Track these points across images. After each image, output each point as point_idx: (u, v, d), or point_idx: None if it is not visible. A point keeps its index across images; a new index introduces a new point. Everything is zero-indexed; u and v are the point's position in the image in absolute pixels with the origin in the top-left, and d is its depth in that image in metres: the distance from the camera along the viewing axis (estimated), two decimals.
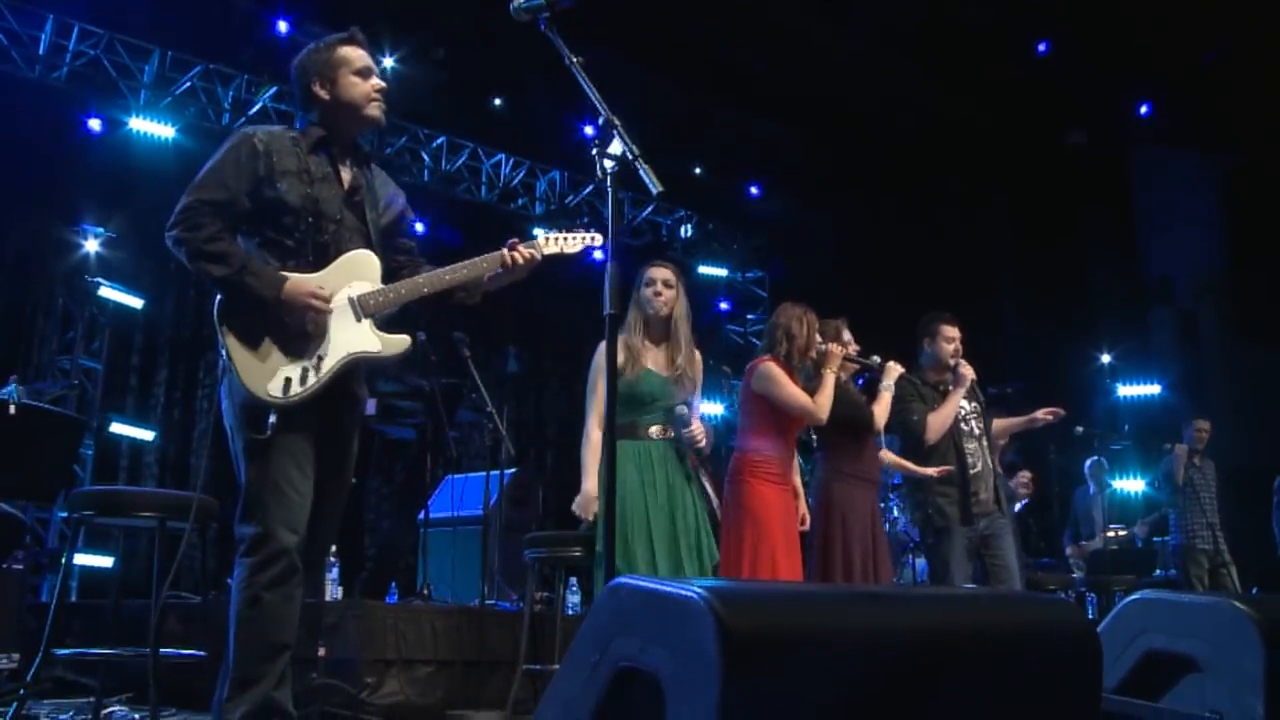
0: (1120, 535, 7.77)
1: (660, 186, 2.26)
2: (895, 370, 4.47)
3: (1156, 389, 10.62)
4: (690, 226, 10.64)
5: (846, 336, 4.44)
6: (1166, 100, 10.03)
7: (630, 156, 2.27)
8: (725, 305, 11.06)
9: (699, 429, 3.84)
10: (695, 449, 3.86)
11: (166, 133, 7.60)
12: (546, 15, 2.37)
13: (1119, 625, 2.23)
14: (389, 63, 8.11)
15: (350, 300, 2.78)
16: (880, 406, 4.39)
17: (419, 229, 8.64)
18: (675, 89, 8.97)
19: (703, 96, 9.27)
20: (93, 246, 7.12)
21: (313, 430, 2.72)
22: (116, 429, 7.29)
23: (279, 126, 2.88)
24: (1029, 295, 10.90)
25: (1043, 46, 9.23)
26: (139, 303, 7.30)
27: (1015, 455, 7.58)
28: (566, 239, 3.07)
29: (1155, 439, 8.04)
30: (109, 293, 7.05)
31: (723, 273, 10.91)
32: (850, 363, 4.44)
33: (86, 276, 7.01)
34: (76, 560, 5.91)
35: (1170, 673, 2.12)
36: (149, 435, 7.51)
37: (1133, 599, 2.27)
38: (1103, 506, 7.55)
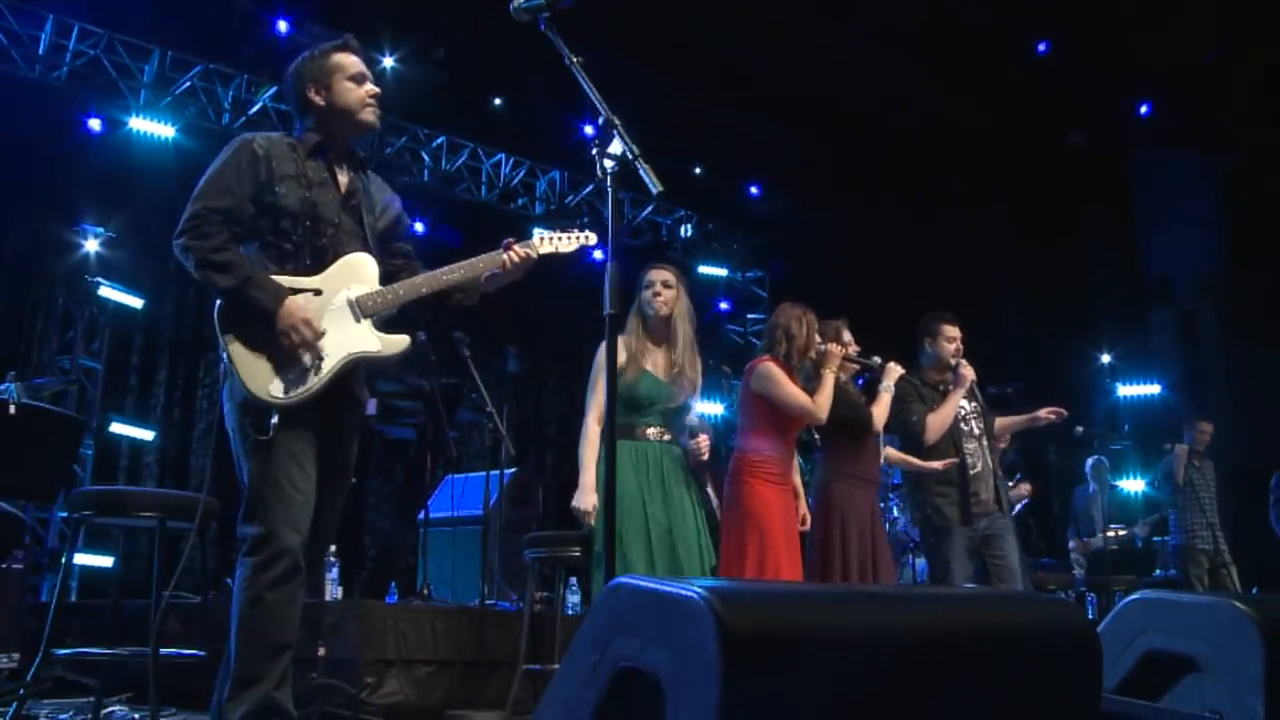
0: (1120, 535, 7.76)
1: (660, 186, 2.26)
2: (895, 371, 4.47)
3: (1156, 389, 10.61)
4: (690, 226, 10.63)
5: (846, 337, 4.44)
6: (1166, 100, 10.02)
7: (630, 156, 2.27)
8: (725, 305, 11.06)
9: (705, 442, 3.84)
10: (696, 458, 3.87)
11: (166, 132, 7.59)
12: (546, 15, 2.38)
13: (1119, 625, 2.23)
14: (389, 63, 8.11)
15: (349, 301, 2.80)
16: (879, 407, 4.39)
17: (419, 229, 8.66)
18: (675, 89, 8.97)
19: (703, 96, 9.26)
20: (93, 246, 7.11)
21: (314, 430, 2.74)
22: (116, 429, 7.29)
23: (276, 133, 2.92)
24: (1029, 295, 10.89)
25: (1043, 46, 9.22)
26: (139, 303, 7.29)
27: (1016, 455, 7.57)
28: (561, 238, 3.09)
29: (1155, 439, 8.04)
30: (109, 293, 7.04)
31: (723, 273, 10.90)
32: (850, 363, 4.44)
33: (86, 276, 7.00)
34: (76, 560, 5.91)
35: (1170, 673, 2.11)
36: (149, 435, 7.51)
37: (1133, 599, 2.27)
38: (1102, 505, 7.55)
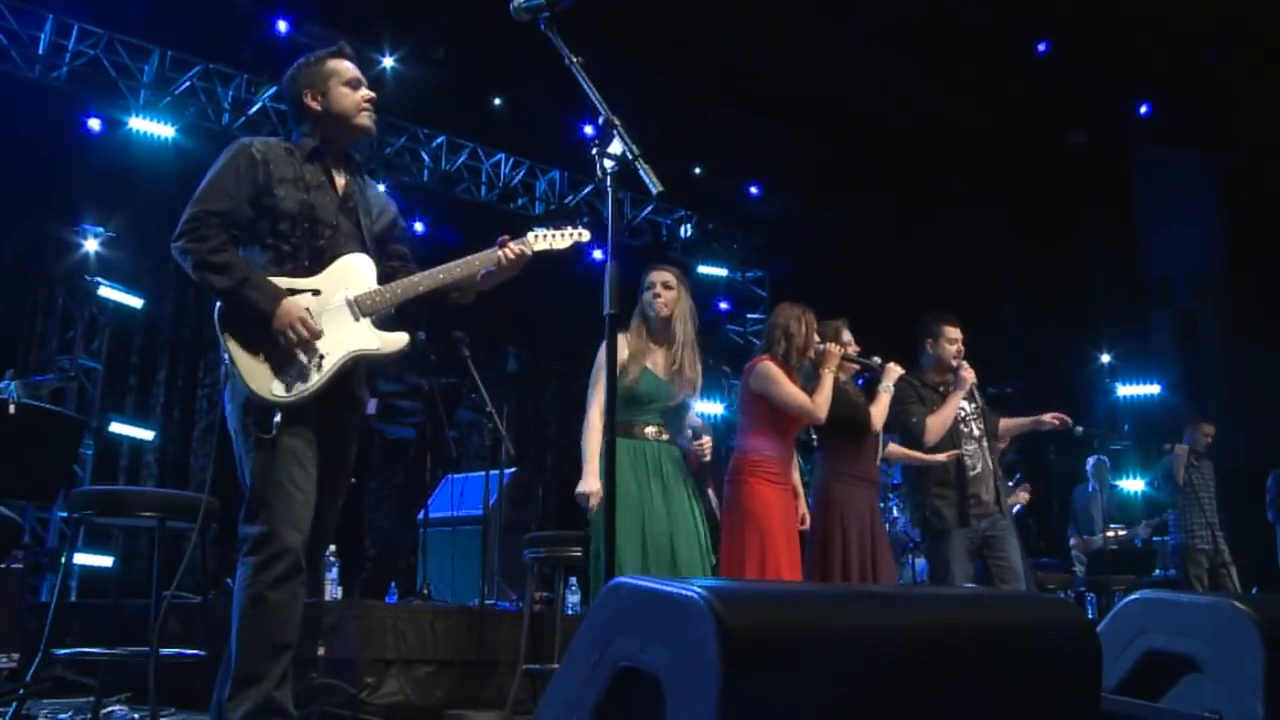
0: (1121, 536, 7.76)
1: (660, 186, 2.26)
2: (895, 371, 4.46)
3: (1156, 389, 10.60)
4: (690, 226, 10.63)
5: (846, 337, 4.44)
6: (1166, 100, 10.01)
7: (630, 156, 2.27)
8: (725, 305, 11.05)
9: (707, 444, 3.85)
10: (699, 460, 3.87)
11: (166, 132, 7.59)
12: (546, 15, 2.38)
13: (1119, 625, 2.23)
14: (389, 63, 8.11)
15: (348, 301, 2.83)
16: (878, 407, 4.37)
17: (419, 229, 8.66)
18: (675, 89, 8.97)
19: (703, 96, 9.26)
20: (92, 246, 7.11)
21: (315, 430, 2.76)
22: (116, 429, 7.29)
23: (273, 138, 2.95)
24: (1029, 295, 10.88)
25: (1043, 46, 9.21)
26: (139, 302, 7.29)
27: (1015, 455, 7.56)
28: (555, 236, 3.13)
29: (1155, 439, 8.04)
30: (109, 292, 7.04)
31: (722, 273, 10.90)
32: (850, 363, 4.43)
33: (86, 276, 7.00)
34: (76, 560, 5.90)
35: (1170, 673, 2.12)
36: (149, 435, 7.51)
37: (1132, 599, 2.27)
38: (1101, 505, 7.55)
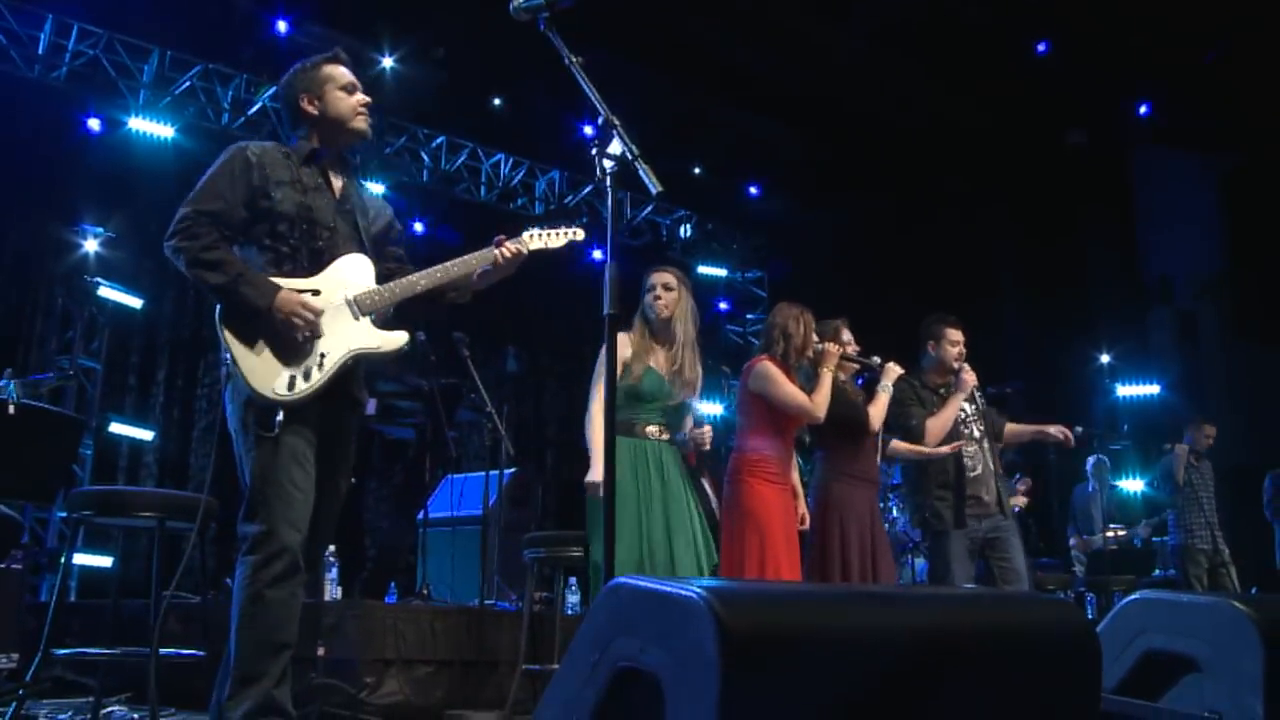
0: (1120, 536, 7.76)
1: (660, 186, 2.26)
2: (894, 371, 4.45)
3: (1156, 389, 10.60)
4: (690, 226, 10.63)
5: (846, 336, 4.43)
6: (1166, 100, 10.00)
7: (630, 156, 2.27)
8: (725, 305, 11.05)
9: (708, 432, 3.86)
10: (698, 448, 3.88)
11: (166, 132, 7.59)
12: (546, 15, 2.38)
13: (1119, 625, 2.23)
14: (389, 63, 8.11)
15: (347, 300, 2.85)
16: (876, 407, 4.36)
17: (418, 229, 8.66)
18: (675, 89, 8.96)
19: (703, 96, 9.26)
20: (92, 246, 7.11)
21: (315, 429, 2.78)
22: (116, 429, 7.28)
23: (270, 142, 2.98)
24: (1029, 295, 10.88)
25: (1042, 46, 9.20)
26: (138, 303, 7.29)
27: (1015, 455, 7.57)
28: (550, 235, 3.16)
29: (1154, 439, 8.03)
30: (108, 292, 7.04)
31: (722, 273, 10.90)
32: (850, 362, 4.43)
33: (86, 276, 7.00)
34: (76, 560, 5.89)
35: (1170, 673, 2.12)
36: (148, 435, 7.50)
37: (1132, 599, 2.27)
38: (1101, 505, 7.55)
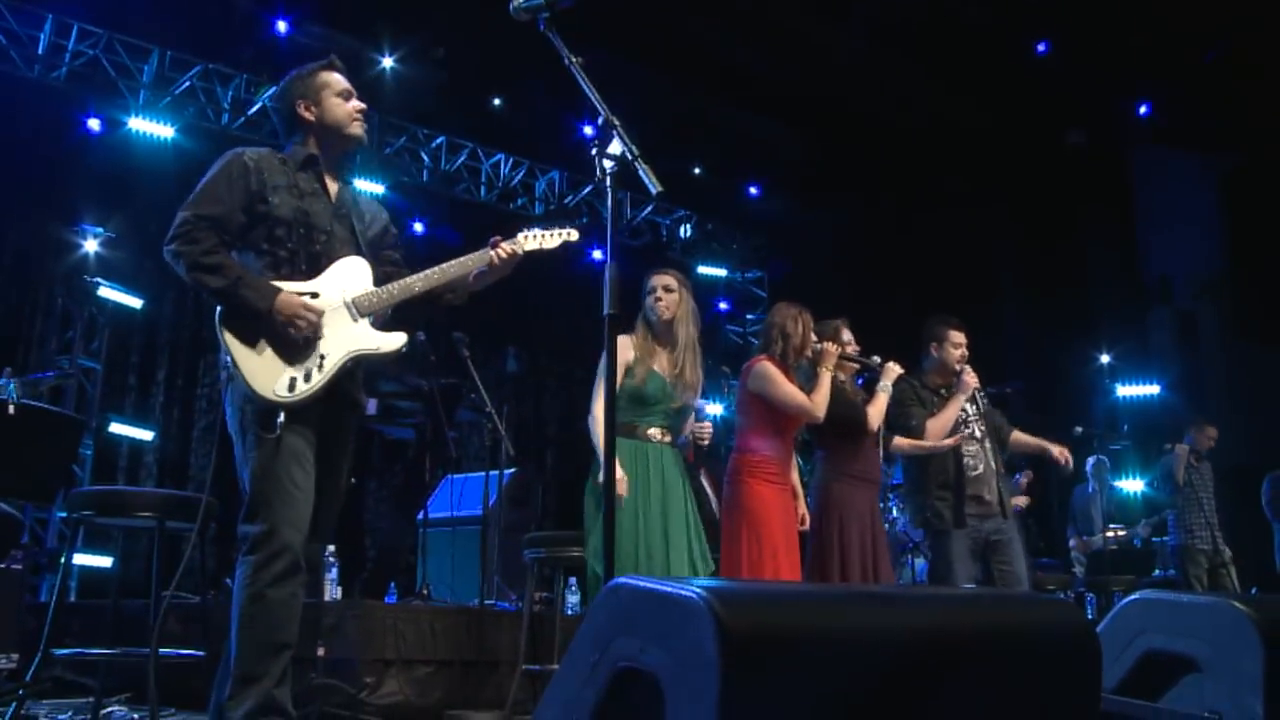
0: (1120, 536, 7.76)
1: (660, 186, 2.26)
2: (894, 371, 4.45)
3: (1156, 389, 10.60)
4: (689, 226, 10.63)
5: (846, 336, 4.43)
6: (1166, 100, 10.01)
7: (630, 156, 2.27)
8: (724, 305, 11.05)
9: (707, 428, 3.88)
10: (698, 443, 3.89)
11: (166, 133, 7.59)
12: (546, 15, 2.38)
13: (1118, 625, 2.23)
14: (389, 63, 8.11)
15: (346, 302, 2.87)
16: (875, 407, 4.36)
17: (418, 229, 8.66)
18: (675, 89, 8.96)
19: (703, 96, 9.26)
20: (92, 246, 7.11)
21: (314, 430, 2.79)
22: (115, 429, 7.29)
23: (265, 148, 3.01)
24: (1029, 295, 10.88)
25: (1042, 46, 9.21)
26: (138, 303, 7.29)
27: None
28: (545, 235, 3.19)
29: (1154, 439, 8.03)
30: (108, 293, 7.05)
31: (722, 273, 10.90)
32: (850, 362, 4.43)
33: (86, 276, 7.00)
34: (76, 560, 5.88)
35: (1170, 673, 2.11)
36: (148, 435, 7.51)
37: (1132, 599, 2.27)
38: (1101, 505, 7.55)
